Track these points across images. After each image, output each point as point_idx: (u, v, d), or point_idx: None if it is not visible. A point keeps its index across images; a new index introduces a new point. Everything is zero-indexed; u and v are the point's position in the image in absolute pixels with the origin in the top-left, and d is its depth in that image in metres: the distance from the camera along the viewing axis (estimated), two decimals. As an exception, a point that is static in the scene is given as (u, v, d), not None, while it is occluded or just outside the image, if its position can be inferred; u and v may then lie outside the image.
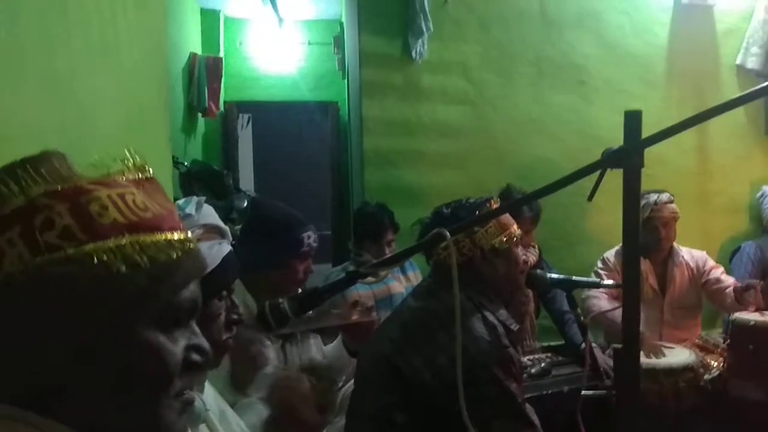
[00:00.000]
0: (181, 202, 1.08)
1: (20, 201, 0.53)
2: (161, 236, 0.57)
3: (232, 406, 1.18)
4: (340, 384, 1.77)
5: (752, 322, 1.93)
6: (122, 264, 0.53)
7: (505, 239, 1.52)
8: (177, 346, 0.59)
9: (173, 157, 2.83)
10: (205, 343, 0.63)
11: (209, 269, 0.99)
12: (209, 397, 1.13)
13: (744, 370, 1.85)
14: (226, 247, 1.06)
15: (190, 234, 0.61)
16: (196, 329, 0.63)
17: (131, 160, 0.61)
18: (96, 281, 0.53)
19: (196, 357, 0.61)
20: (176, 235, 0.58)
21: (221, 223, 1.09)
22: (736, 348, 1.92)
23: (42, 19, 1.30)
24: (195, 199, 1.08)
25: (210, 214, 1.08)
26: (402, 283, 2.65)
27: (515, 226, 1.57)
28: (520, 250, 1.60)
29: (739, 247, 3.09)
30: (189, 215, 1.04)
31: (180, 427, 0.60)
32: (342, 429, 1.53)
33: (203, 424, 1.06)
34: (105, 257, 0.53)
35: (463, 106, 3.39)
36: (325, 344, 1.87)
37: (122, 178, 0.59)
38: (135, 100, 2.00)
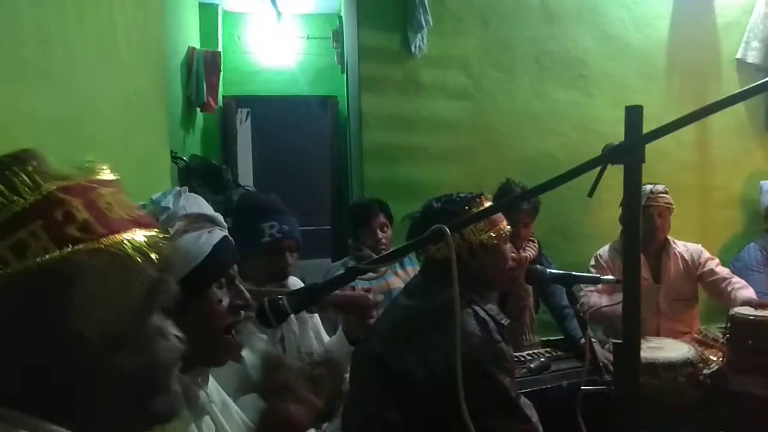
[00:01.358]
0: (155, 196, 1.03)
1: (34, 196, 0.55)
2: (156, 232, 0.60)
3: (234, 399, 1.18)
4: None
5: (751, 317, 1.93)
6: (139, 256, 0.57)
7: (493, 235, 1.52)
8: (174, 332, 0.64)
9: (171, 151, 2.82)
10: (180, 332, 0.67)
11: (201, 258, 0.98)
12: (212, 389, 1.13)
13: (743, 365, 1.85)
14: (218, 234, 1.02)
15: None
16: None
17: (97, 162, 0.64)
18: (120, 272, 0.56)
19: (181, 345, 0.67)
20: (161, 233, 0.62)
21: (209, 210, 1.05)
22: (736, 343, 1.92)
23: (40, 14, 1.29)
24: (173, 190, 1.05)
25: (193, 203, 1.03)
26: (401, 278, 2.65)
27: (504, 223, 1.57)
28: (509, 247, 1.60)
29: (742, 250, 3.08)
30: (166, 208, 1.01)
31: (179, 410, 0.64)
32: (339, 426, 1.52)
33: (207, 416, 1.06)
34: (126, 249, 0.56)
35: (462, 100, 3.38)
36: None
37: (102, 178, 0.62)
38: (133, 94, 1.99)
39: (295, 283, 1.81)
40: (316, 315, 1.82)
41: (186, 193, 1.06)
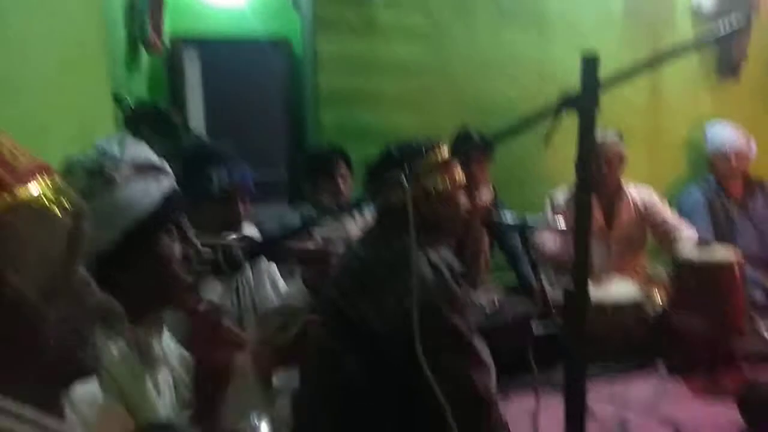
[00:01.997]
0: (99, 142, 0.98)
1: None
2: (59, 178, 0.59)
3: None
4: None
5: (694, 259, 2.01)
6: (55, 206, 0.56)
7: (447, 182, 1.53)
8: None
9: (115, 94, 2.68)
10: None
11: (149, 207, 0.96)
12: (168, 341, 1.12)
13: (686, 305, 1.94)
14: (165, 182, 1.00)
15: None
16: None
17: None
18: (42, 225, 0.55)
19: None
20: (61, 177, 0.60)
21: (155, 159, 1.01)
22: (680, 284, 2.01)
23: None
24: (118, 136, 1.00)
25: (139, 150, 0.99)
26: (359, 224, 2.65)
27: (459, 169, 1.58)
28: (462, 193, 1.62)
29: (684, 192, 3.21)
30: (113, 156, 0.97)
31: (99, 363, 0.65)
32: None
33: (164, 367, 1.05)
34: (42, 201, 0.55)
35: (420, 43, 3.31)
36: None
37: None
38: (71, 34, 1.87)
39: (249, 230, 1.79)
40: (273, 264, 1.81)
41: (131, 139, 1.02)
